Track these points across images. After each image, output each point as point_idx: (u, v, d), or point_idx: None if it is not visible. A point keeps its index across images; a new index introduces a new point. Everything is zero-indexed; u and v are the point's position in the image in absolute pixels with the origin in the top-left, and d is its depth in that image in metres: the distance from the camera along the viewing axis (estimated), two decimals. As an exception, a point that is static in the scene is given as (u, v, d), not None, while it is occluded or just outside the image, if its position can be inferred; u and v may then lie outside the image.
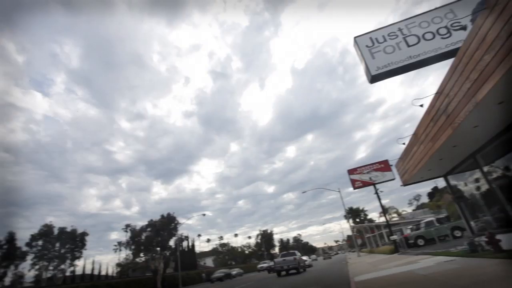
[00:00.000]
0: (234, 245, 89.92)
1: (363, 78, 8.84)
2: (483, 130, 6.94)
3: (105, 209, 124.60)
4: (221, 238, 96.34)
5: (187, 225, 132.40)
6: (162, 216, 40.72)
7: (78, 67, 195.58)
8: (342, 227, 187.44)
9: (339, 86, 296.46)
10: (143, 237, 38.09)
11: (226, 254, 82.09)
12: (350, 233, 59.86)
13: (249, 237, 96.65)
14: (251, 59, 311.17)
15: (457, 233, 20.71)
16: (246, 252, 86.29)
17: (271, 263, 48.25)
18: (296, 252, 22.61)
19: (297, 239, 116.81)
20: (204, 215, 42.75)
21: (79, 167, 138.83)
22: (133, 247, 39.44)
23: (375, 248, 37.91)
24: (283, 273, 20.88)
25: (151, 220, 39.86)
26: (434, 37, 8.23)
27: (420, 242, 22.19)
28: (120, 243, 61.29)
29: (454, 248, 12.05)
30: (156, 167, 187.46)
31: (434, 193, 63.50)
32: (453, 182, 11.83)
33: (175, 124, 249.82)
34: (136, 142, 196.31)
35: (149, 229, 38.75)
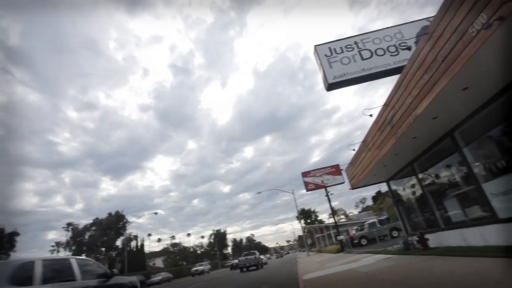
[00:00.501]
0: (186, 245, 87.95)
1: (321, 85, 9.39)
2: (420, 141, 7.77)
3: (43, 206, 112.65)
4: (172, 237, 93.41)
5: (138, 224, 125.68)
6: (110, 214, 38.21)
7: (18, 45, 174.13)
8: (294, 228, 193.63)
9: (298, 91, 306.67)
10: (86, 236, 35.29)
11: (177, 254, 79.83)
12: (301, 233, 62.30)
13: (202, 237, 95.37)
14: (214, 56, 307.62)
15: (395, 233, 22.88)
16: (198, 252, 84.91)
17: (208, 266, 47.68)
18: (256, 252, 25.93)
19: (250, 239, 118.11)
20: (156, 213, 41.46)
21: (11, 158, 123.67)
22: (74, 247, 36.33)
23: (324, 247, 39.83)
24: (244, 269, 23.97)
25: (97, 218, 37.16)
26: (384, 53, 9.01)
27: (363, 241, 24.03)
28: (58, 244, 56.02)
29: (391, 247, 13.25)
30: (106, 162, 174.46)
31: (377, 197, 68.96)
32: (394, 187, 13.01)
33: (130, 117, 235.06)
34: (85, 133, 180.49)
35: (94, 228, 36.04)
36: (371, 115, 8.56)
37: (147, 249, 69.47)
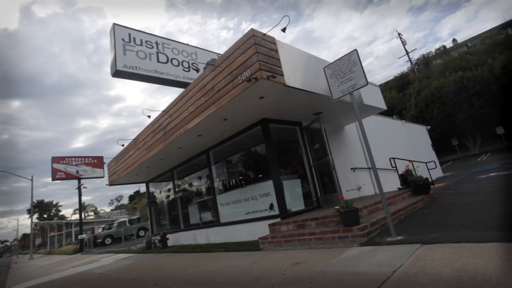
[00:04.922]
0: None
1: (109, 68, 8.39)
2: (184, 152, 8.80)
3: None
4: None
5: None
6: None
7: None
8: (21, 224, 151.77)
9: (81, 63, 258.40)
10: None
11: None
12: (29, 231, 49.71)
13: None
14: None
15: (142, 233, 23.81)
16: None
17: None
18: None
19: None
20: None
21: None
22: None
23: (57, 248, 34.17)
24: None
25: None
26: (178, 65, 9.62)
27: (108, 241, 23.06)
28: None
29: (135, 246, 13.57)
30: None
31: (135, 196, 69.23)
32: (152, 189, 13.65)
33: None
34: None
35: None
36: (149, 116, 8.69)
37: None
